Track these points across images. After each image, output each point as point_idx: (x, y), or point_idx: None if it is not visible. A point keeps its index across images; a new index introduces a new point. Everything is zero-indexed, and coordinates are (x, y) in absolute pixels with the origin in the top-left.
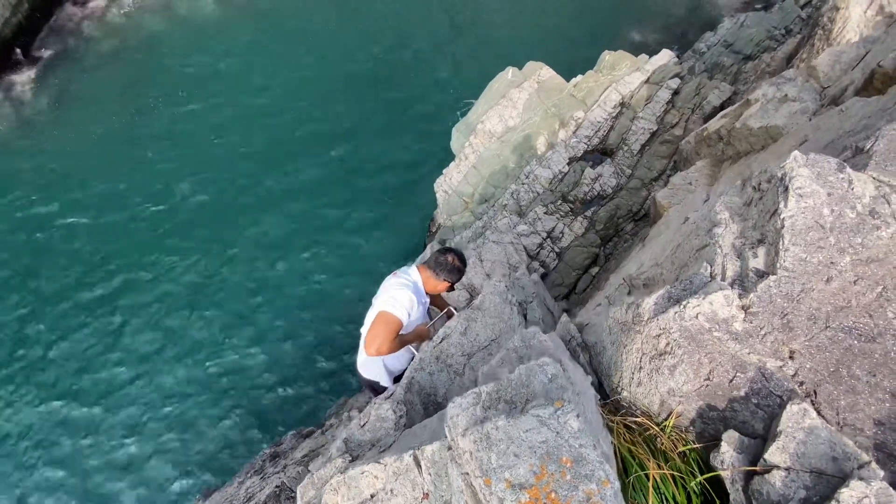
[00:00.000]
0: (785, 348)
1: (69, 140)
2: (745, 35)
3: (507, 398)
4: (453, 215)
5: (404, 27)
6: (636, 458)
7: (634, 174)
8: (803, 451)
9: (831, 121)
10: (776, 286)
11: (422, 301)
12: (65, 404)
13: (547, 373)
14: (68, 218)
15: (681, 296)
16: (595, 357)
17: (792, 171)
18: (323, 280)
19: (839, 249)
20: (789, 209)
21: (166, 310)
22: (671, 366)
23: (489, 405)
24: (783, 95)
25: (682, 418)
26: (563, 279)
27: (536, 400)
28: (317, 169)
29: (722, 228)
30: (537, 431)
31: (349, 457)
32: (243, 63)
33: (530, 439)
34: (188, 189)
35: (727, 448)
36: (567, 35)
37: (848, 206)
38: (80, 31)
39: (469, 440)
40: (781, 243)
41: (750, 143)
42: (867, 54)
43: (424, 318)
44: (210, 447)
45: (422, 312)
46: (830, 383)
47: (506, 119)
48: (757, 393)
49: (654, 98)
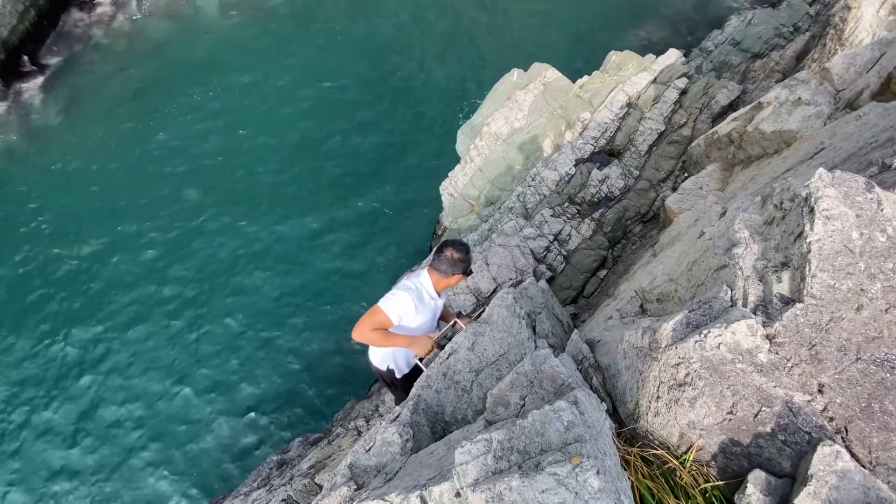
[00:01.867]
0: (813, 381)
1: (78, 147)
2: (753, 33)
3: (519, 448)
4: (459, 218)
5: (409, 31)
6: (655, 496)
7: (642, 175)
8: (836, 497)
9: (849, 128)
10: (803, 315)
11: (428, 306)
12: (73, 411)
13: (563, 420)
14: (77, 225)
15: (700, 321)
16: (609, 380)
17: (818, 190)
18: (328, 284)
19: (869, 275)
20: (816, 232)
21: (173, 315)
22: (691, 398)
23: (500, 455)
24: (796, 98)
25: (702, 452)
26: (570, 282)
27: (552, 453)
28: (322, 173)
29: (742, 248)
30: (554, 492)
31: (354, 484)
32: (249, 69)
33: (547, 501)
34: (196, 195)
35: (753, 489)
36: (572, 36)
37: (878, 229)
38: (87, 38)
39: (480, 497)
40: (808, 268)
41: (763, 147)
42: (882, 57)
43: (430, 325)
44: (215, 454)
45: (426, 318)
46: (862, 419)
47: (511, 121)
48: (784, 429)
49: (661, 98)
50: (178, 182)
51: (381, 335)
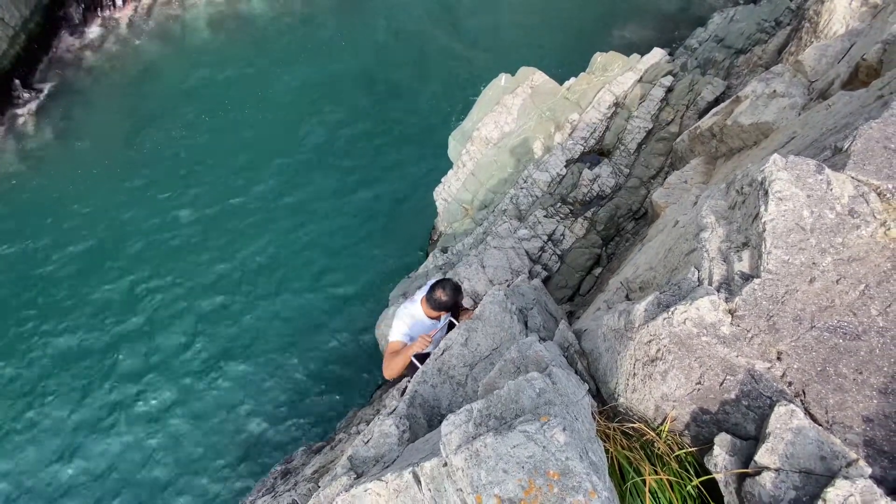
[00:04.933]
0: (772, 350)
1: (72, 170)
2: (735, 29)
3: (497, 414)
4: (454, 223)
5: (396, 42)
6: (633, 465)
7: (633, 173)
8: (792, 452)
9: (818, 116)
10: (760, 289)
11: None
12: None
13: (535, 387)
14: (71, 249)
15: (670, 301)
16: (592, 363)
17: (771, 174)
18: (327, 293)
19: (820, 250)
20: (770, 213)
21: (173, 328)
22: (663, 371)
23: (480, 422)
24: (772, 91)
25: (676, 423)
26: (566, 281)
27: (524, 415)
28: (316, 186)
29: (708, 232)
30: (524, 447)
31: (354, 474)
32: (239, 86)
33: (518, 455)
34: (192, 213)
35: (719, 451)
36: (557, 39)
37: (827, 207)
38: (79, 62)
39: (460, 458)
40: (764, 246)
41: (742, 139)
42: (852, 47)
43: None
44: (219, 465)
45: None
46: (818, 382)
47: (501, 125)
48: (747, 395)
49: (648, 96)
50: (174, 201)
51: (399, 358)
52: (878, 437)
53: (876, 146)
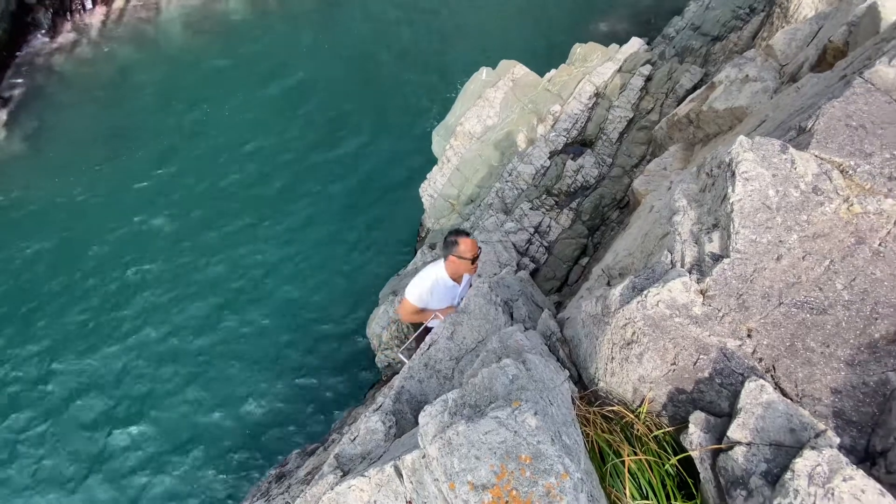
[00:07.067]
0: (743, 327)
1: (45, 178)
2: (711, 17)
3: (471, 403)
4: (441, 218)
5: (374, 39)
6: (613, 447)
7: (615, 162)
8: (762, 426)
9: (788, 99)
10: (730, 268)
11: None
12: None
13: (508, 374)
14: (47, 257)
15: (644, 285)
16: (573, 350)
17: (738, 155)
18: (315, 293)
19: (786, 228)
20: (737, 193)
21: (158, 334)
22: (639, 354)
23: (455, 411)
24: (744, 76)
25: (654, 404)
26: (554, 272)
27: (497, 402)
28: (299, 188)
29: (681, 216)
30: (496, 433)
31: (340, 472)
32: (216, 88)
33: (490, 441)
34: (170, 220)
35: (694, 429)
36: (536, 32)
37: (792, 186)
38: (50, 67)
39: (434, 447)
40: (732, 227)
41: (718, 124)
42: (820, 30)
43: (451, 299)
44: (213, 470)
45: (448, 302)
46: (787, 357)
47: (484, 119)
48: (720, 373)
49: (627, 86)
50: (151, 207)
51: (417, 316)
52: (846, 407)
53: (838, 124)
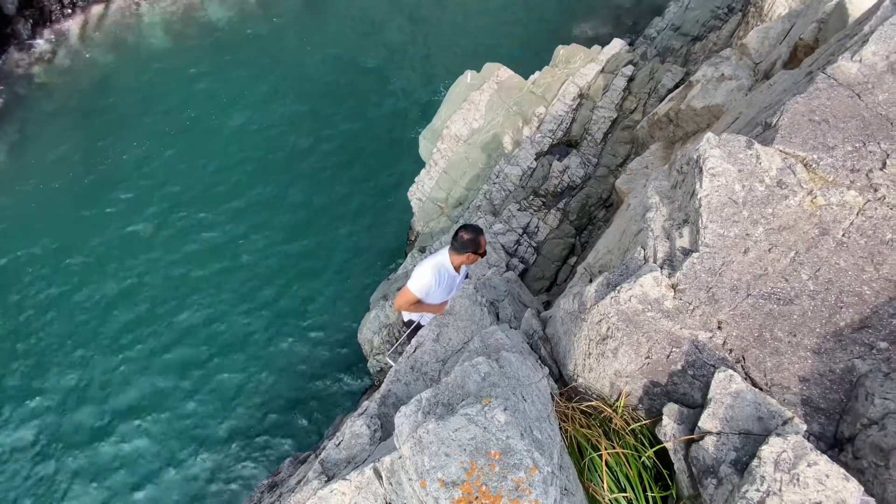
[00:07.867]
0: (713, 320)
1: (26, 189)
2: (691, 17)
3: (444, 401)
4: (430, 222)
5: (358, 44)
6: (591, 442)
7: (601, 162)
8: (731, 415)
9: (761, 96)
10: (699, 262)
11: (447, 281)
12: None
13: (480, 372)
14: (31, 267)
15: (618, 281)
16: (554, 348)
17: (705, 152)
18: (307, 299)
19: (752, 221)
20: (704, 189)
21: (149, 343)
22: (614, 349)
23: (428, 410)
24: (720, 74)
25: (631, 397)
26: (543, 272)
27: (468, 399)
28: (287, 193)
29: (653, 212)
30: (466, 429)
31: (325, 477)
32: (198, 94)
33: (459, 438)
34: (152, 227)
35: (668, 420)
36: (519, 35)
37: (757, 180)
38: (29, 78)
39: (407, 446)
40: (701, 222)
41: (696, 122)
42: (792, 28)
43: (452, 290)
44: (205, 481)
45: (448, 292)
46: (756, 347)
47: (470, 122)
48: (692, 365)
49: (610, 87)
50: (136, 214)
51: (414, 306)
52: (814, 395)
53: (801, 119)
